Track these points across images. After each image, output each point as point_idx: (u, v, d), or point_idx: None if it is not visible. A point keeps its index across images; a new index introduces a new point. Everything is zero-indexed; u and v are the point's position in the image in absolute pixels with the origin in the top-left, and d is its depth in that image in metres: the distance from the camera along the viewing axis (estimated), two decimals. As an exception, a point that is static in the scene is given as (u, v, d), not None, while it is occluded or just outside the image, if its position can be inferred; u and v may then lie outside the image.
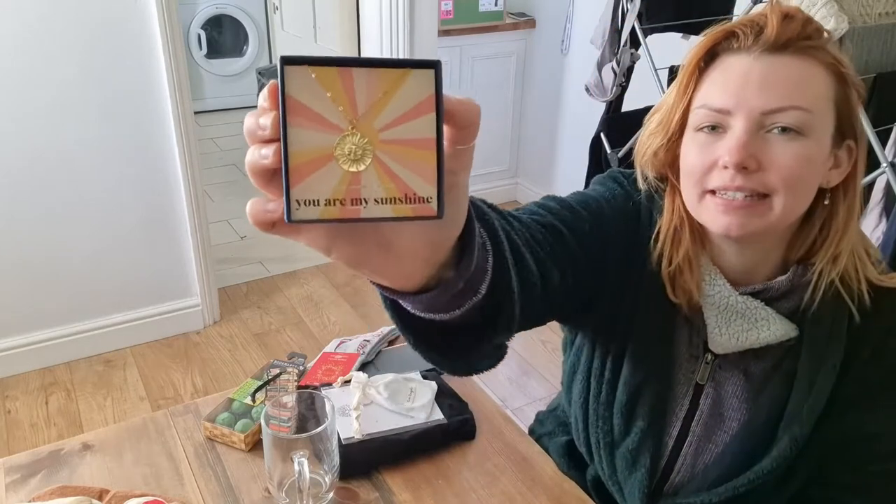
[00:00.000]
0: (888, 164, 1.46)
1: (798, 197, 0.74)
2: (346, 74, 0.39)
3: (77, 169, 2.29)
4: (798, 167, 0.71)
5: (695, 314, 0.84)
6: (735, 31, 0.73)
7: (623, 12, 2.13)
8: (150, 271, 2.53)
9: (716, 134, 0.74)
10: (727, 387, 0.85)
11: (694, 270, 0.81)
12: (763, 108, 0.71)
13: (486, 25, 3.37)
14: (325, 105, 0.39)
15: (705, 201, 0.75)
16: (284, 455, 0.83)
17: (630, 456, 0.90)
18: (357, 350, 1.20)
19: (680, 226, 0.82)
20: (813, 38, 0.72)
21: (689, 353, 0.86)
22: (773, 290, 0.80)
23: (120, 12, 2.19)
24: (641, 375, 0.87)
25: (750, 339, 0.80)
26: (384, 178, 0.39)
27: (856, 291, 0.78)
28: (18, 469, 0.98)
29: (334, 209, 0.39)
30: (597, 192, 0.88)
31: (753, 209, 0.72)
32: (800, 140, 0.71)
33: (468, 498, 0.92)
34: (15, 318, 2.36)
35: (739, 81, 0.72)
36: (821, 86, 0.72)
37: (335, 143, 0.39)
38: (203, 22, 4.88)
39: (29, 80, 2.13)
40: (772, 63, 0.71)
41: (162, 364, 2.49)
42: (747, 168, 0.71)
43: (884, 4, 1.48)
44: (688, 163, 0.77)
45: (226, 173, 4.15)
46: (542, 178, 3.64)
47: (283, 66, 0.39)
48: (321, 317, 2.79)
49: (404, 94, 0.39)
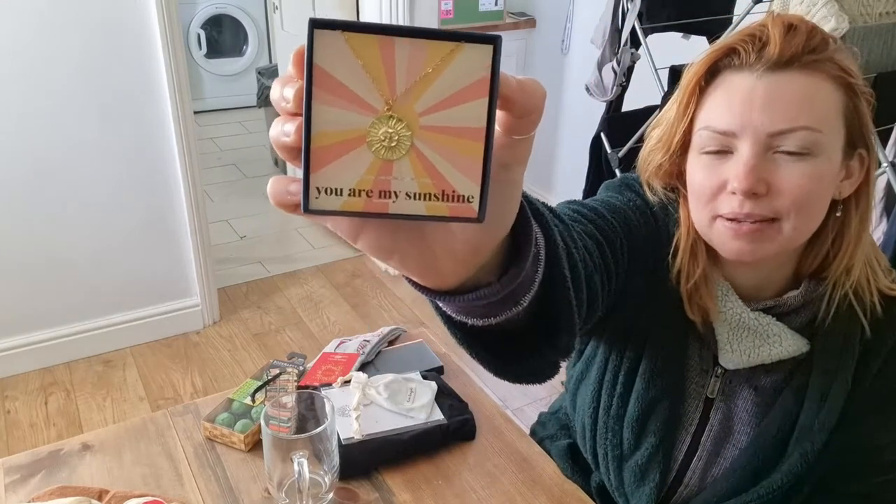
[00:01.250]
0: (888, 164, 1.46)
1: (809, 217, 0.72)
2: (387, 44, 0.33)
3: (77, 169, 2.29)
4: (808, 188, 0.69)
5: (706, 329, 0.83)
6: (736, 48, 0.70)
7: (623, 12, 2.13)
8: (149, 271, 2.53)
9: (721, 157, 0.71)
10: (737, 401, 0.84)
11: (710, 287, 0.79)
12: (770, 129, 0.68)
13: (486, 25, 3.36)
14: (359, 79, 0.33)
15: (716, 225, 0.73)
16: (284, 455, 0.83)
17: (639, 470, 0.89)
18: (357, 350, 1.20)
19: (697, 239, 0.80)
20: (818, 50, 0.69)
21: (699, 367, 0.85)
22: (785, 306, 0.78)
23: (120, 12, 2.18)
24: (654, 391, 0.85)
25: (762, 356, 0.79)
26: (420, 171, 0.34)
27: (868, 304, 0.76)
28: (18, 469, 0.98)
29: (358, 201, 0.34)
30: (619, 200, 0.84)
31: (763, 233, 0.71)
32: (809, 160, 0.69)
33: (468, 498, 0.91)
34: (15, 318, 2.36)
35: (743, 102, 0.69)
36: (829, 101, 0.69)
37: (367, 126, 0.33)
38: (203, 22, 4.88)
39: (29, 81, 2.13)
40: (776, 81, 0.68)
41: (161, 364, 2.49)
42: (757, 194, 0.69)
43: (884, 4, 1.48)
44: (695, 185, 0.74)
45: (226, 173, 4.15)
46: (542, 178, 3.63)
47: (312, 29, 0.33)
48: (321, 317, 2.79)
49: (453, 72, 0.33)
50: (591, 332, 0.93)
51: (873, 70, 1.52)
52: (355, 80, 0.33)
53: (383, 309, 2.86)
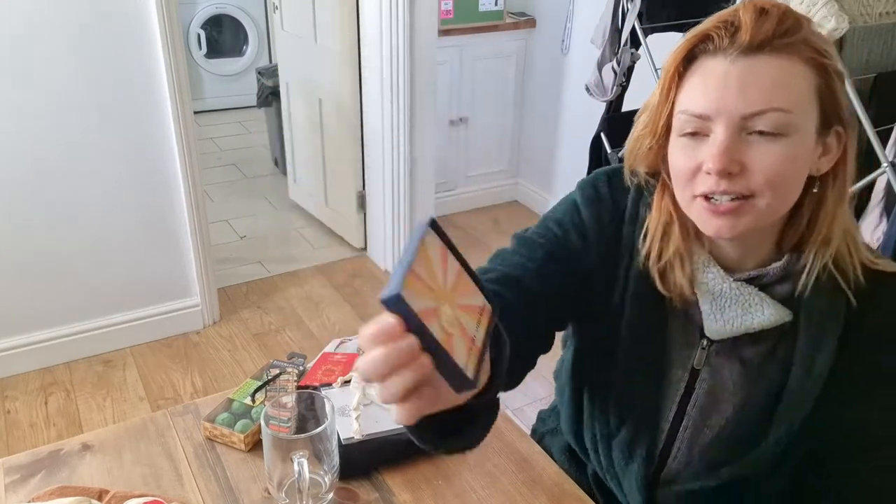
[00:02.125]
0: (888, 164, 1.46)
1: (784, 194, 0.74)
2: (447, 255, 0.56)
3: (77, 169, 2.29)
4: (781, 168, 0.72)
5: (690, 302, 0.85)
6: (710, 34, 0.73)
7: (623, 12, 2.13)
8: (149, 271, 2.53)
9: (698, 138, 0.74)
10: (723, 372, 0.86)
11: (685, 265, 0.82)
12: (743, 112, 0.71)
13: (486, 25, 3.37)
14: (431, 268, 0.53)
15: (695, 204, 0.76)
16: (284, 455, 0.83)
17: (626, 447, 0.91)
18: (357, 350, 1.20)
19: (669, 222, 0.83)
20: (790, 33, 0.71)
21: (684, 340, 0.87)
22: (767, 277, 0.81)
23: (120, 12, 2.18)
24: (634, 369, 0.88)
25: (745, 324, 0.81)
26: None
27: (851, 276, 0.78)
28: (18, 469, 0.98)
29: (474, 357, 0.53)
30: (570, 221, 0.89)
31: (740, 210, 0.73)
32: (782, 140, 0.71)
33: (468, 498, 0.91)
34: (15, 318, 2.36)
35: (718, 86, 0.72)
36: (801, 83, 0.71)
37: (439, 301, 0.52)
38: (203, 21, 4.88)
39: (28, 81, 2.13)
40: (749, 65, 0.71)
41: (161, 364, 2.49)
42: (731, 173, 0.72)
43: (884, 4, 1.48)
44: (675, 167, 0.77)
45: (226, 173, 4.15)
46: (542, 178, 3.64)
47: (431, 224, 0.55)
48: (321, 317, 2.79)
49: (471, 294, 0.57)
50: (562, 328, 0.97)
51: (873, 70, 1.52)
52: (430, 268, 0.52)
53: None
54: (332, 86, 3.07)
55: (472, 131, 3.58)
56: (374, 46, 2.79)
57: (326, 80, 3.10)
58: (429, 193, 3.03)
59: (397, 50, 2.70)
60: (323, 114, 3.20)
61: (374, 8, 2.71)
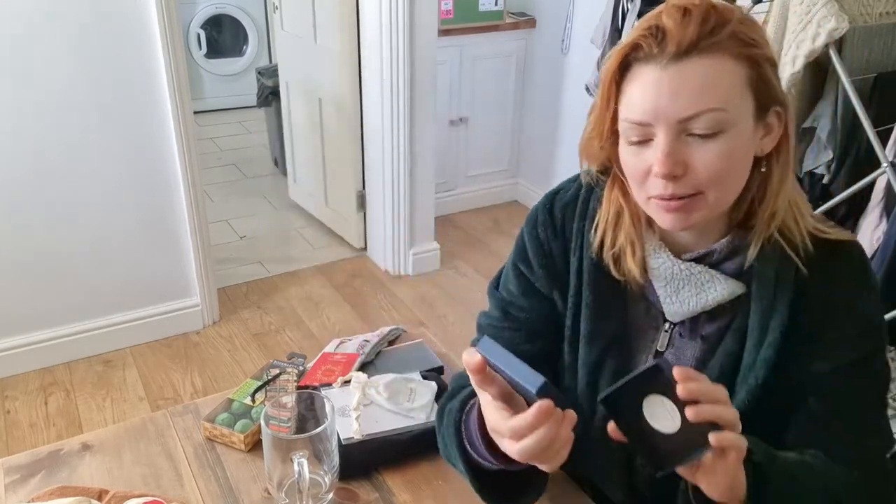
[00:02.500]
0: (888, 164, 1.46)
1: (730, 185, 0.78)
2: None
3: (76, 169, 2.29)
4: (722, 164, 0.75)
5: (648, 288, 0.89)
6: (639, 43, 0.76)
7: (623, 12, 2.13)
8: (149, 271, 2.53)
9: (644, 143, 0.78)
10: (686, 351, 0.89)
11: (636, 251, 0.86)
12: (678, 116, 0.74)
13: (486, 25, 3.37)
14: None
15: (650, 204, 0.80)
16: (284, 455, 0.83)
17: (600, 433, 0.91)
18: (357, 350, 1.20)
19: (619, 212, 0.87)
20: (716, 31, 0.73)
21: (647, 324, 0.91)
22: (715, 254, 0.84)
23: (120, 12, 2.19)
24: (598, 355, 0.91)
25: (700, 303, 0.85)
26: None
27: (799, 245, 0.81)
28: (18, 469, 0.98)
29: None
30: (524, 263, 0.96)
31: (690, 206, 0.77)
32: (720, 138, 0.74)
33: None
34: (15, 318, 2.36)
35: (653, 93, 0.75)
36: (732, 79, 0.74)
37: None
38: (203, 21, 4.88)
39: (29, 81, 2.13)
40: (679, 70, 0.73)
41: (161, 364, 2.49)
42: (676, 175, 0.75)
43: (884, 4, 1.48)
44: (628, 170, 0.81)
45: (226, 173, 4.15)
46: (542, 178, 3.64)
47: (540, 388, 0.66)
48: (321, 317, 2.79)
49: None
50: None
51: (873, 70, 1.52)
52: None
53: (383, 309, 2.86)
54: (332, 86, 3.07)
55: (472, 131, 3.58)
56: (374, 46, 2.79)
57: (326, 80, 3.10)
58: (429, 193, 3.03)
59: (397, 50, 2.70)
60: (323, 114, 3.20)
61: (374, 8, 2.71)
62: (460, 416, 0.86)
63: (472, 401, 0.85)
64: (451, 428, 0.86)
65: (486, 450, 0.79)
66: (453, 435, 0.86)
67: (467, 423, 0.84)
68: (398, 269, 3.11)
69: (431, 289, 3.00)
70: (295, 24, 3.27)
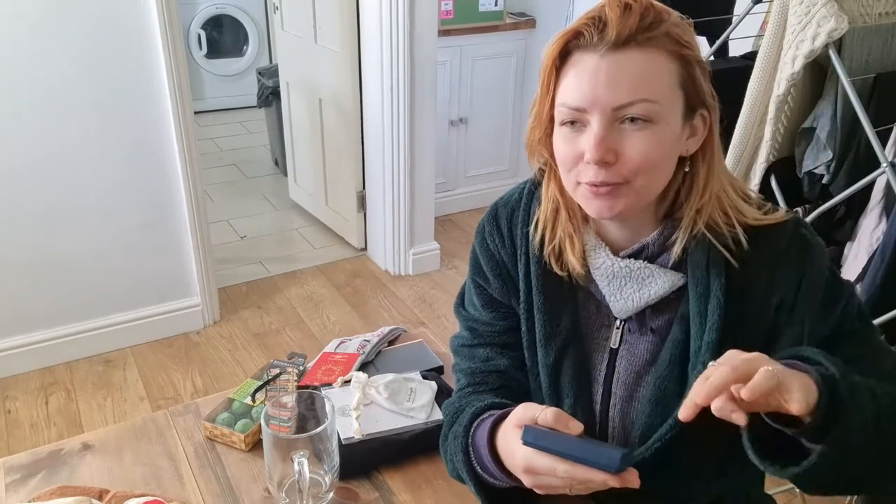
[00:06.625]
0: (888, 164, 1.45)
1: (656, 175, 0.81)
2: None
3: (77, 169, 2.29)
4: (651, 153, 0.78)
5: (594, 287, 0.91)
6: (581, 31, 0.79)
7: (623, 12, 2.13)
8: (150, 271, 2.54)
9: (577, 128, 0.80)
10: (639, 346, 0.91)
11: (575, 245, 0.89)
12: (613, 104, 0.77)
13: (486, 25, 3.37)
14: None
15: (579, 189, 0.83)
16: (284, 455, 0.83)
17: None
18: (357, 350, 1.20)
19: (557, 208, 0.90)
20: (653, 27, 0.77)
21: (599, 322, 0.93)
22: (649, 248, 0.87)
23: (120, 12, 2.19)
24: (556, 357, 0.93)
25: (644, 298, 0.87)
26: None
27: (729, 237, 0.84)
28: (18, 469, 0.98)
29: None
30: (480, 276, 0.99)
31: (617, 192, 0.80)
32: (650, 128, 0.78)
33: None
34: (15, 318, 2.36)
35: (590, 80, 0.78)
36: (664, 74, 0.78)
37: None
38: (203, 22, 4.88)
39: (29, 81, 2.13)
40: (617, 60, 0.77)
41: (162, 364, 2.49)
42: (607, 162, 0.78)
43: (884, 4, 1.48)
44: (559, 155, 0.84)
45: (226, 173, 4.15)
46: (542, 177, 3.63)
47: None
48: (321, 317, 2.79)
49: None
50: None
51: (873, 70, 1.52)
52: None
53: (383, 309, 2.86)
54: (332, 86, 3.08)
55: (472, 131, 3.58)
56: (374, 46, 2.79)
57: (326, 80, 3.10)
58: (429, 193, 3.04)
59: (397, 50, 2.71)
60: (323, 114, 3.20)
61: (374, 8, 2.71)
62: (466, 440, 0.88)
63: (476, 422, 0.88)
64: (460, 455, 0.88)
65: (495, 468, 0.82)
66: (462, 463, 0.87)
67: (475, 445, 0.86)
68: (398, 268, 3.11)
69: (431, 289, 3.01)
70: (295, 25, 3.27)
